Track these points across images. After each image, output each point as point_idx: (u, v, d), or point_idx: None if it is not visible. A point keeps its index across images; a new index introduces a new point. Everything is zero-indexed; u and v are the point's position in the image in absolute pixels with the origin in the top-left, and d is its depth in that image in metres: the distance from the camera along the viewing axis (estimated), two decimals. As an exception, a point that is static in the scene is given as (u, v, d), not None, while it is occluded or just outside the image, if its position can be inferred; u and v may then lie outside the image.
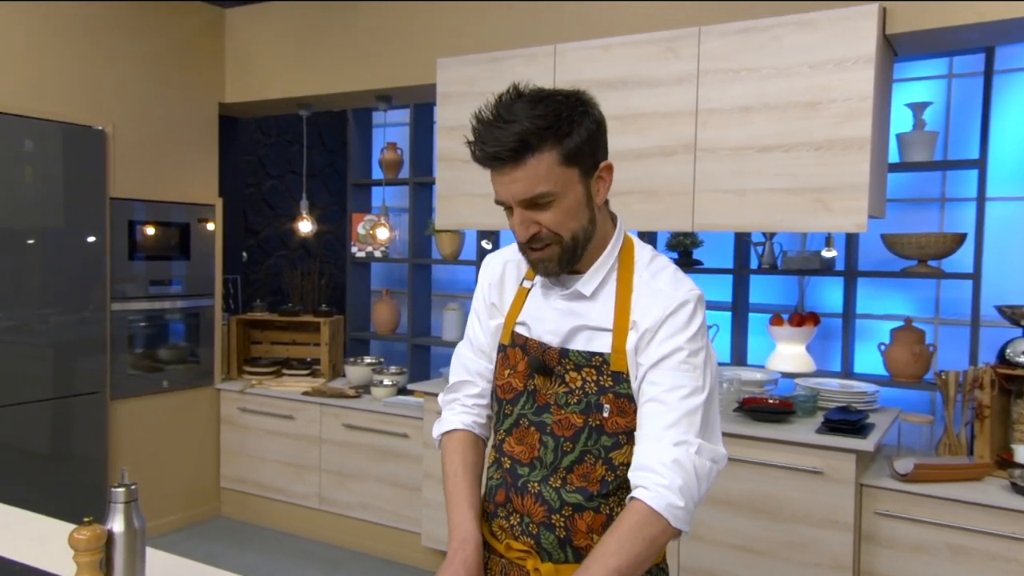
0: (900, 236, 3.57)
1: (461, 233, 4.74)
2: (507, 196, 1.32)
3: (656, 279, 1.38)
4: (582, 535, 1.37)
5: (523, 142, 1.26)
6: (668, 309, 1.34)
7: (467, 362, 1.56)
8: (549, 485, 1.38)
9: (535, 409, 1.40)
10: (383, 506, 3.83)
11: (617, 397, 1.35)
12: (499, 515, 1.46)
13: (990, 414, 2.83)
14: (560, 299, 1.41)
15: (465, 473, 1.47)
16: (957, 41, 2.91)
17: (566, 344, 1.39)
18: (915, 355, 3.58)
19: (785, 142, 2.84)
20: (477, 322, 1.56)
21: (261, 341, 4.58)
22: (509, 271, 1.52)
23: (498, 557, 1.46)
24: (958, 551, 2.62)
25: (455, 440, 1.52)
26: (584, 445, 1.36)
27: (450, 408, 1.57)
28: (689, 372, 1.32)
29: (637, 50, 3.12)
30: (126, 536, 1.41)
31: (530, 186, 1.28)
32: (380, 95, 4.03)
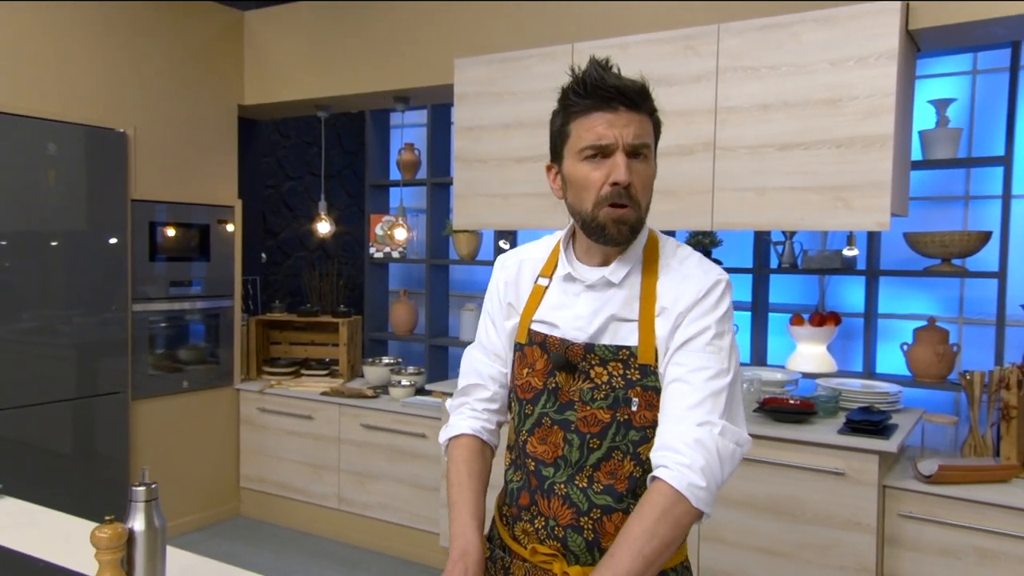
0: (923, 235, 3.52)
1: (478, 233, 4.74)
2: (617, 136, 1.29)
3: (684, 265, 1.38)
4: (610, 537, 1.33)
5: (645, 92, 1.32)
6: (700, 292, 1.33)
7: (478, 365, 1.53)
8: (576, 485, 1.36)
9: (558, 407, 1.38)
10: (401, 506, 3.83)
11: (645, 390, 1.33)
12: (523, 518, 1.43)
13: (1017, 415, 2.78)
14: (585, 292, 1.39)
15: (470, 481, 1.45)
16: (982, 36, 2.86)
17: (593, 339, 1.37)
18: (938, 355, 3.53)
19: (805, 140, 2.81)
20: (490, 324, 1.53)
21: (280, 342, 4.60)
22: (525, 269, 1.50)
23: (521, 561, 1.43)
24: (985, 555, 2.58)
25: (461, 447, 1.49)
26: (612, 441, 1.34)
27: (459, 413, 1.54)
28: (715, 354, 1.31)
29: (655, 48, 3.10)
30: (147, 535, 1.41)
31: (641, 132, 1.31)
32: (398, 96, 4.04)
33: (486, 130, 3.53)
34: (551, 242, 1.52)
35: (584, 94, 1.30)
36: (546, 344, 1.40)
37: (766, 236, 3.85)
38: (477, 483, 1.45)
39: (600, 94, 1.29)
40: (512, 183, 3.47)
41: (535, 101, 3.39)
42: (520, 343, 1.45)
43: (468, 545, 1.35)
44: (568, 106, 1.35)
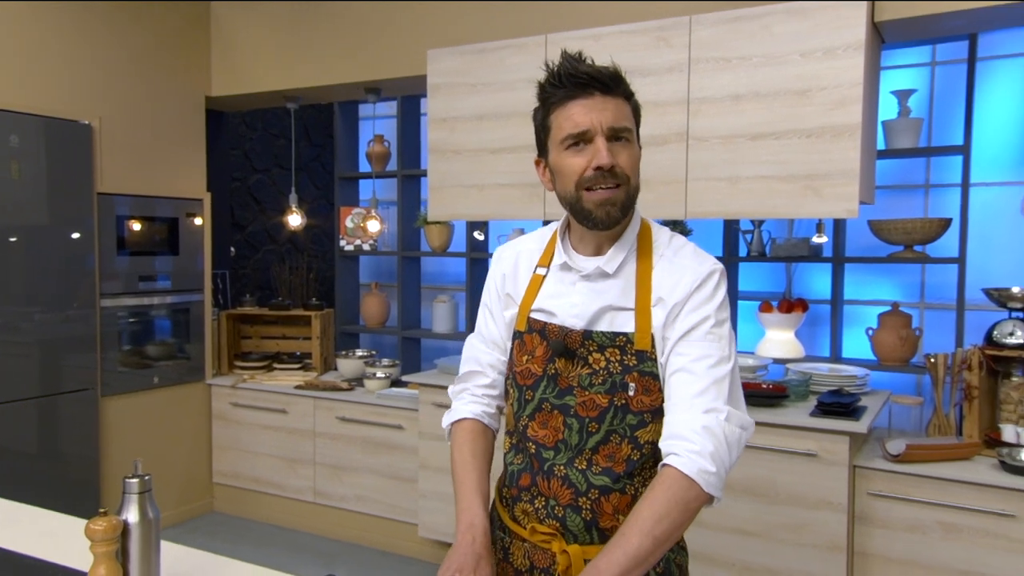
0: (887, 222, 3.62)
1: (450, 225, 4.75)
2: (596, 122, 1.32)
3: (679, 255, 1.41)
4: (608, 517, 1.38)
5: (619, 76, 1.35)
6: (696, 282, 1.36)
7: (478, 354, 1.57)
8: (575, 467, 1.39)
9: (557, 392, 1.41)
10: (379, 498, 3.83)
11: (642, 376, 1.36)
12: (522, 499, 1.46)
13: (978, 395, 2.88)
14: (581, 282, 1.42)
15: (473, 460, 1.48)
16: (942, 28, 2.95)
17: (590, 326, 1.40)
18: (902, 339, 3.64)
19: (776, 130, 2.88)
20: (488, 314, 1.57)
21: (251, 336, 4.56)
22: (523, 260, 1.54)
23: (520, 541, 1.46)
24: (950, 529, 2.68)
25: (464, 429, 1.53)
26: (610, 425, 1.37)
27: (460, 398, 1.58)
28: (715, 342, 1.34)
29: (628, 40, 3.14)
30: (141, 526, 1.41)
31: (619, 116, 1.34)
32: (369, 87, 4.01)
33: (460, 121, 3.54)
34: (547, 233, 1.55)
35: (559, 84, 1.34)
36: (545, 331, 1.43)
37: (735, 225, 3.92)
38: (480, 462, 1.48)
39: (574, 81, 1.32)
40: (487, 174, 3.49)
41: (509, 92, 3.41)
42: (519, 331, 1.48)
43: (474, 518, 1.39)
44: (546, 99, 1.39)
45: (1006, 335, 2.87)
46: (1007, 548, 2.59)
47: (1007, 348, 2.85)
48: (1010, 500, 2.59)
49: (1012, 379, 2.90)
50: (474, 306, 4.59)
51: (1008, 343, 2.85)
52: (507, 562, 1.49)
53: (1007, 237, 3.85)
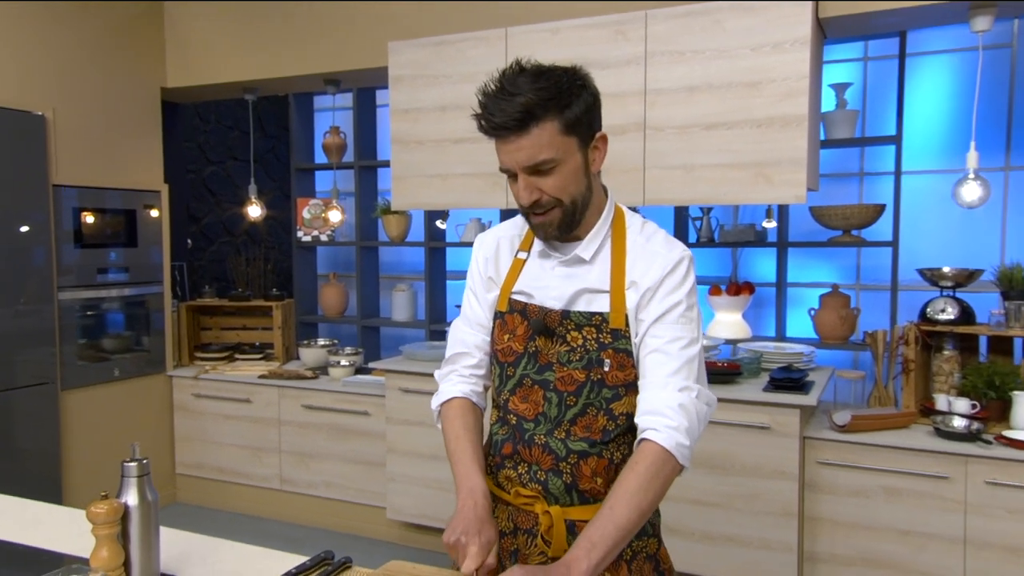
0: (827, 208, 3.82)
1: (408, 215, 4.81)
2: (512, 163, 1.39)
3: (651, 242, 1.49)
4: (587, 479, 1.46)
5: (528, 112, 1.34)
6: (666, 268, 1.45)
7: (464, 335, 1.63)
8: (555, 437, 1.47)
9: (537, 368, 1.49)
10: (346, 483, 3.90)
11: (616, 352, 1.45)
12: (506, 466, 1.53)
13: (914, 367, 3.10)
14: (560, 266, 1.51)
15: (466, 434, 1.53)
16: (879, 25, 3.14)
17: (568, 307, 1.48)
18: (842, 318, 3.86)
19: (728, 120, 3.03)
20: (473, 297, 1.63)
21: (211, 327, 4.56)
22: (503, 245, 1.61)
23: (504, 505, 1.54)
24: (891, 492, 2.88)
25: (453, 407, 1.59)
26: (587, 398, 1.45)
27: (447, 380, 1.63)
28: (686, 325, 1.44)
29: (586, 33, 3.26)
30: (140, 509, 1.44)
31: (534, 153, 1.36)
32: (328, 79, 4.05)
33: (423, 112, 3.61)
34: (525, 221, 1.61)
35: (480, 126, 1.41)
36: (526, 311, 1.52)
37: (685, 212, 4.08)
38: (473, 435, 1.54)
39: (489, 131, 1.39)
40: (450, 164, 3.57)
41: (470, 83, 3.46)
42: (501, 311, 1.56)
43: (474, 484, 1.45)
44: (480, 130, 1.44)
45: (938, 311, 3.08)
46: (943, 508, 2.81)
47: (939, 324, 3.06)
48: (944, 464, 2.80)
49: (944, 352, 3.12)
50: (433, 294, 4.68)
51: (940, 319, 3.06)
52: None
53: (935, 221, 4.11)
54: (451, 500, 3.52)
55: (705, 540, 3.10)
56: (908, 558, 2.86)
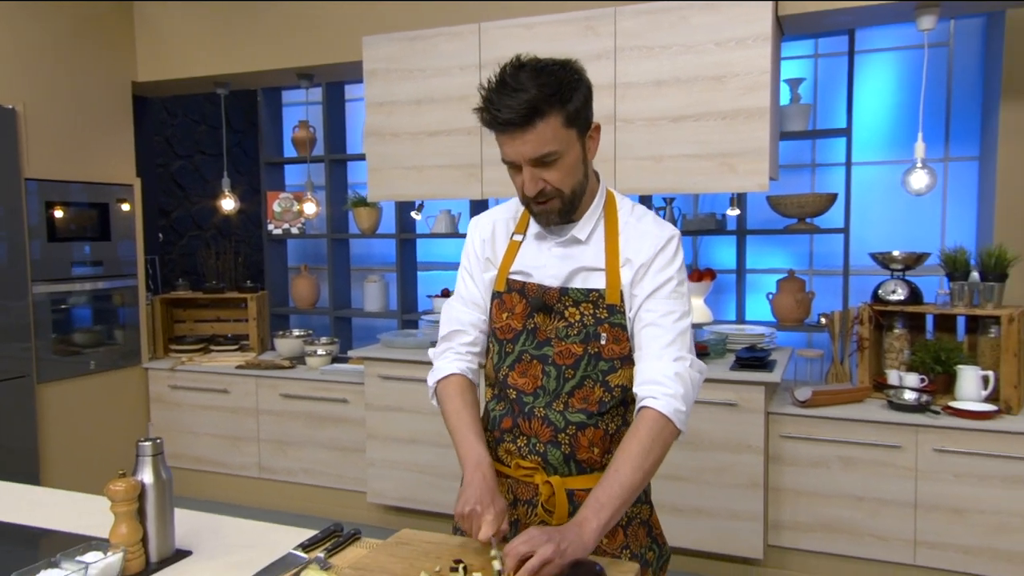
0: (784, 197, 4.02)
1: (379, 208, 4.89)
2: (517, 156, 1.44)
3: (641, 222, 1.57)
4: (584, 449, 1.54)
5: (533, 108, 1.38)
6: (658, 246, 1.53)
7: (459, 314, 1.68)
8: (553, 409, 1.54)
9: (536, 344, 1.56)
10: (325, 470, 3.97)
11: (612, 327, 1.52)
12: (505, 440, 1.60)
13: (868, 345, 3.30)
14: (556, 247, 1.57)
15: (465, 408, 1.60)
16: (834, 23, 3.32)
17: (566, 284, 1.55)
18: (798, 302, 4.06)
19: (695, 112, 3.18)
20: (468, 277, 1.69)
21: (184, 320, 4.58)
22: (499, 228, 1.67)
23: (504, 478, 1.60)
24: (848, 462, 3.07)
25: (451, 384, 1.64)
26: (584, 371, 1.53)
27: (443, 357, 1.69)
28: (678, 299, 1.52)
29: (558, 28, 3.38)
30: (156, 486, 1.51)
31: (539, 147, 1.41)
32: (302, 73, 4.10)
33: (398, 105, 3.69)
34: (520, 204, 1.65)
35: (484, 121, 1.45)
36: (524, 290, 1.58)
37: (649, 202, 4.24)
38: (472, 409, 1.61)
39: (493, 125, 1.43)
40: (426, 156, 3.66)
41: (445, 77, 3.59)
42: (499, 291, 1.62)
43: (480, 457, 1.52)
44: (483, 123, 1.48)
45: (889, 293, 3.28)
46: (895, 475, 3.01)
47: (891, 304, 3.26)
48: (896, 434, 3.00)
49: (894, 331, 3.33)
50: (405, 285, 4.77)
51: (891, 299, 3.27)
52: None
53: (881, 209, 4.34)
54: (431, 483, 3.64)
55: (676, 513, 3.26)
56: (864, 523, 3.06)
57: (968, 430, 2.90)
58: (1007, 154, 3.74)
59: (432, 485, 3.69)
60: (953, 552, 2.96)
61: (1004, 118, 3.73)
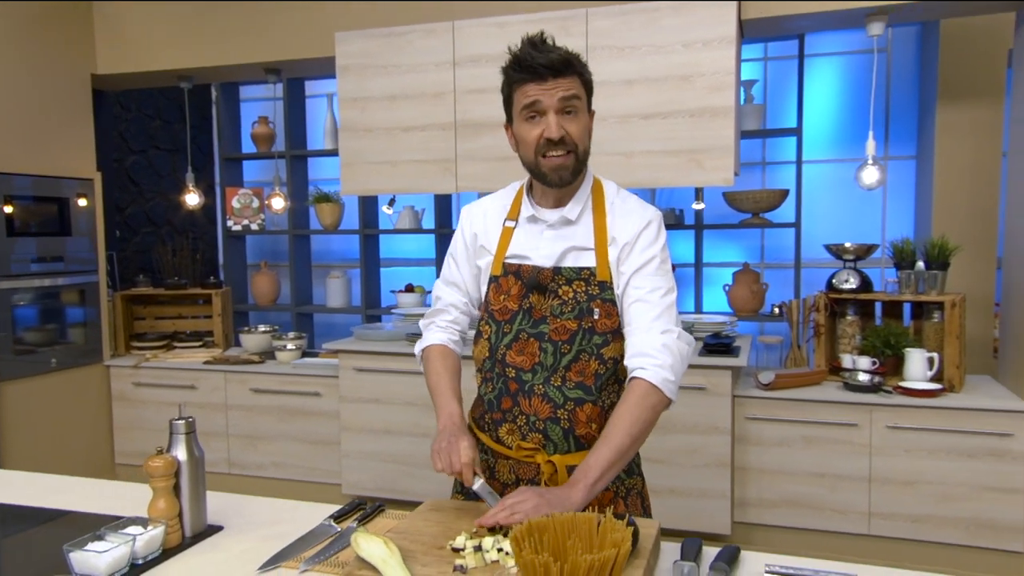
0: (740, 193, 4.22)
1: (341, 204, 4.91)
2: (550, 99, 1.54)
3: (626, 203, 1.68)
4: (583, 425, 1.62)
5: (567, 61, 1.55)
6: (641, 225, 1.63)
7: (442, 294, 1.83)
8: (552, 385, 1.61)
9: (532, 323, 1.64)
10: (298, 463, 3.98)
11: (604, 302, 1.61)
12: (506, 420, 1.66)
13: (824, 331, 3.51)
14: (548, 230, 1.67)
15: (446, 371, 1.74)
16: (791, 27, 3.52)
17: (559, 264, 1.64)
18: (753, 293, 4.27)
19: (664, 110, 3.33)
20: (454, 262, 1.81)
21: (145, 317, 4.51)
22: (491, 215, 1.76)
23: (505, 459, 1.68)
24: (809, 441, 3.27)
25: (434, 351, 1.79)
26: (580, 345, 1.61)
27: (428, 329, 1.83)
28: (663, 275, 1.62)
29: (531, 28, 3.42)
30: (189, 463, 1.56)
31: (569, 89, 1.55)
32: (270, 68, 4.09)
33: (371, 101, 3.74)
34: (509, 193, 1.78)
35: (519, 69, 1.56)
36: (520, 272, 1.66)
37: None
38: (451, 373, 1.75)
39: (531, 70, 1.54)
40: (401, 151, 3.72)
41: (420, 74, 3.65)
42: (495, 275, 1.71)
43: (452, 411, 1.65)
44: (509, 79, 1.60)
45: (843, 282, 3.50)
46: (851, 451, 3.22)
47: (844, 292, 3.48)
48: (852, 413, 3.21)
49: (847, 317, 3.55)
50: (369, 281, 4.80)
51: (845, 288, 3.48)
52: (494, 479, 1.71)
53: (827, 204, 4.60)
54: (406, 472, 3.70)
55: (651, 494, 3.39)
56: (823, 497, 3.26)
57: (917, 408, 3.13)
58: (944, 153, 4.03)
59: (408, 474, 3.75)
60: (903, 521, 3.18)
61: (940, 120, 4.01)
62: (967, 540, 3.11)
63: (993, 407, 3.05)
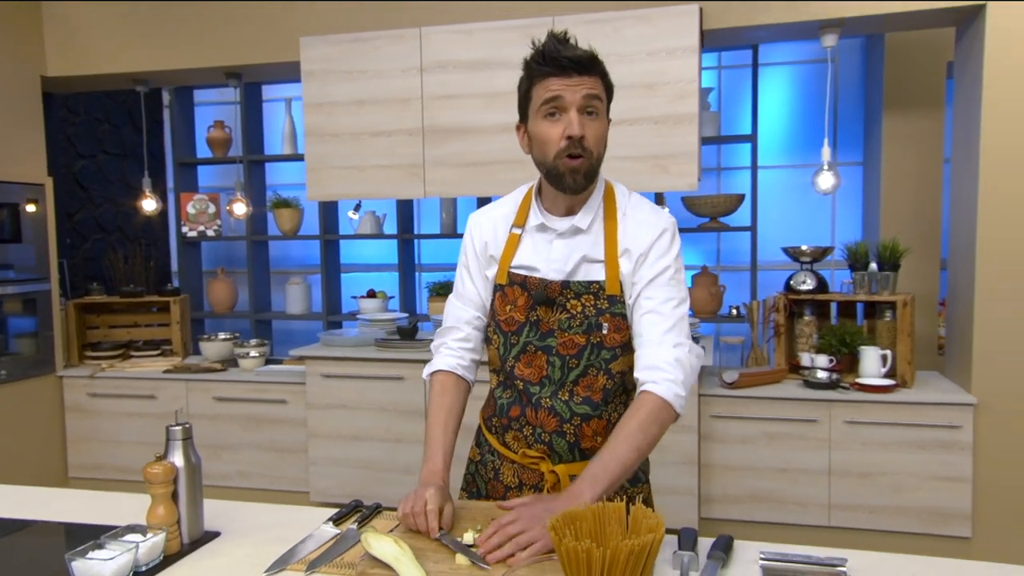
0: (699, 198, 4.34)
1: (301, 209, 4.87)
2: (573, 96, 1.50)
3: (638, 211, 1.63)
4: (588, 439, 1.61)
5: (594, 59, 1.54)
6: (655, 235, 1.59)
7: (455, 311, 1.75)
8: (559, 399, 1.60)
9: (539, 336, 1.61)
10: (264, 471, 3.93)
11: (613, 316, 1.57)
12: (513, 427, 1.66)
13: (784, 331, 3.63)
14: (558, 239, 1.62)
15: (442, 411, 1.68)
16: (748, 37, 3.64)
17: (569, 277, 1.59)
18: (712, 295, 4.39)
19: (630, 117, 3.41)
20: (467, 275, 1.73)
21: (99, 326, 4.39)
22: (499, 223, 1.71)
23: (510, 463, 1.68)
24: (771, 437, 3.38)
25: (438, 382, 1.73)
26: (588, 360, 1.58)
27: (439, 352, 1.76)
28: (676, 286, 1.58)
29: (498, 35, 3.53)
30: (187, 469, 1.56)
31: (593, 87, 1.52)
32: (230, 72, 4.04)
33: (337, 106, 3.73)
34: (516, 198, 1.72)
35: (543, 63, 1.51)
36: (526, 284, 1.62)
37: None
38: (448, 413, 1.69)
39: (556, 63, 1.50)
40: (368, 156, 3.71)
41: (386, 79, 3.66)
42: (500, 284, 1.66)
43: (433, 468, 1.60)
44: (530, 73, 1.55)
45: (800, 283, 3.63)
46: (812, 446, 3.34)
47: (802, 293, 3.61)
48: (812, 409, 3.33)
49: (804, 317, 3.68)
50: (329, 287, 4.77)
51: (802, 289, 3.61)
52: (498, 480, 1.71)
53: (781, 209, 4.76)
54: (377, 477, 3.69)
55: (618, 491, 3.46)
56: (785, 491, 3.38)
57: (873, 403, 3.27)
58: (890, 159, 4.21)
59: (379, 480, 3.74)
60: (861, 512, 3.31)
61: (887, 128, 4.20)
62: (919, 528, 3.26)
63: (943, 401, 3.21)
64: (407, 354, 3.68)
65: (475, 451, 1.81)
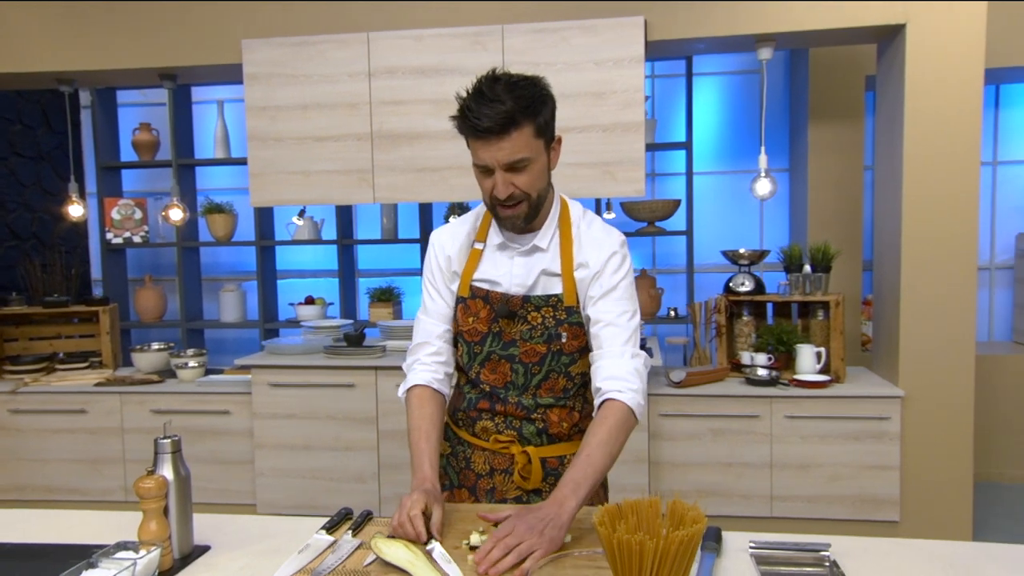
0: (637, 203, 4.46)
1: (235, 214, 4.74)
2: (493, 161, 1.55)
3: (591, 228, 1.73)
4: (555, 424, 1.74)
5: (510, 118, 1.51)
6: (608, 253, 1.69)
7: (425, 326, 1.80)
8: (524, 398, 1.73)
9: (502, 345, 1.72)
10: (207, 485, 3.80)
11: (571, 326, 1.70)
12: (482, 418, 1.77)
13: (725, 331, 3.77)
14: (519, 256, 1.72)
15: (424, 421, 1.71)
16: (689, 48, 3.77)
17: (529, 292, 1.70)
18: (651, 297, 4.51)
19: (579, 125, 3.48)
20: (433, 290, 1.80)
21: (17, 338, 4.16)
22: (461, 239, 1.79)
23: (481, 451, 1.77)
24: (717, 433, 3.50)
25: (416, 396, 1.76)
26: (549, 366, 1.71)
27: (412, 369, 1.80)
28: (629, 299, 1.70)
29: (447, 42, 3.54)
30: (176, 483, 1.52)
31: (513, 153, 1.53)
32: (165, 73, 3.90)
33: (282, 110, 3.65)
34: (479, 213, 1.80)
35: (465, 125, 1.55)
36: (488, 297, 1.72)
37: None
38: (430, 424, 1.72)
39: (474, 130, 1.53)
40: (313, 160, 3.65)
41: (333, 84, 3.61)
42: (463, 296, 1.75)
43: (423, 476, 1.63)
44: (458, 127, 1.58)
45: (739, 285, 3.78)
46: (754, 440, 3.48)
47: (741, 294, 3.75)
48: (753, 405, 3.47)
49: (743, 318, 3.83)
50: (267, 293, 4.67)
51: (741, 290, 3.76)
52: (469, 469, 1.80)
53: (712, 214, 4.95)
54: (328, 487, 3.64)
55: (571, 492, 3.51)
56: (730, 484, 3.51)
57: (809, 398, 3.43)
58: (816, 167, 4.44)
59: (329, 489, 3.67)
60: (800, 502, 3.47)
61: (812, 137, 4.42)
62: (853, 515, 3.44)
63: (874, 394, 3.40)
64: (357, 361, 3.64)
65: (445, 445, 1.87)
